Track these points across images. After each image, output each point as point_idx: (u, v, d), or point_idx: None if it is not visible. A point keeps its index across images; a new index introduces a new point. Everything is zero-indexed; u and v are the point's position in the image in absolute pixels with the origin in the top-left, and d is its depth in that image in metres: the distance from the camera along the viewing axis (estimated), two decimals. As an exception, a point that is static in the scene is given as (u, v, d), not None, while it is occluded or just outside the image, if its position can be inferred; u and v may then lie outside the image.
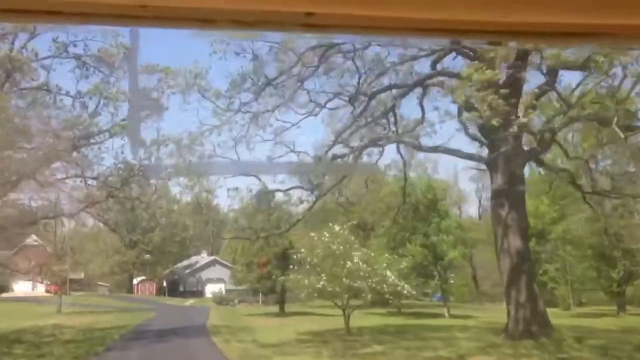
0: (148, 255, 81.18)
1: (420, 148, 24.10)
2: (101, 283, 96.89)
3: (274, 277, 40.47)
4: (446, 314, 36.04)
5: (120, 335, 27.88)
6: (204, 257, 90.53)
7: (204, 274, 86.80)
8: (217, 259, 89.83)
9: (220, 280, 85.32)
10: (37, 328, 31.58)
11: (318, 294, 26.14)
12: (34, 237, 71.57)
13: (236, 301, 69.74)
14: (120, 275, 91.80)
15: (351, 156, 23.37)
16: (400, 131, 23.99)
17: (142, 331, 30.05)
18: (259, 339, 24.22)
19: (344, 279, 25.09)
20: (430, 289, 36.13)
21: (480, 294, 69.28)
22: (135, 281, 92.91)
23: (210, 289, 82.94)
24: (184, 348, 21.87)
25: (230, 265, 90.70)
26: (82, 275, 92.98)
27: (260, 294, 71.15)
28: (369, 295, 25.65)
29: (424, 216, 36.53)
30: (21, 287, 79.80)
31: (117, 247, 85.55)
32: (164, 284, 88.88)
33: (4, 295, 74.89)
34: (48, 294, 74.39)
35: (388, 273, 26.18)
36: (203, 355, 19.76)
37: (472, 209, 72.86)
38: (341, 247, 26.32)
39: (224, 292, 73.72)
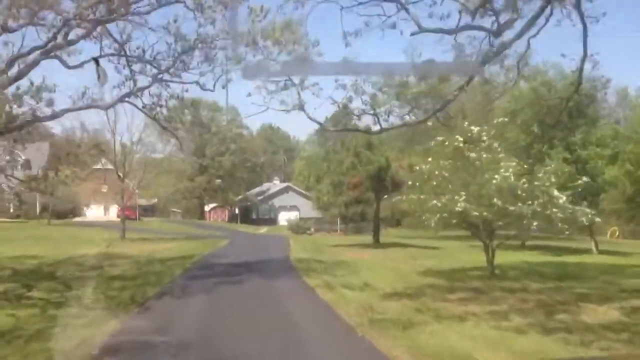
0: (219, 181, 75.03)
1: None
2: (174, 209, 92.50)
3: (364, 200, 32.40)
4: (594, 249, 27.13)
5: (184, 270, 20.70)
6: (276, 184, 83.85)
7: (277, 201, 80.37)
8: (291, 185, 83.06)
9: (294, 207, 78.77)
10: (84, 258, 24.97)
11: (458, 220, 17.68)
12: (104, 160, 66.68)
13: (312, 229, 62.97)
14: (191, 201, 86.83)
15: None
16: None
17: (211, 264, 22.83)
18: (374, 284, 16.25)
19: (495, 200, 16.59)
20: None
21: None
22: (207, 208, 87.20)
23: (284, 217, 76.66)
24: (271, 298, 14.09)
25: (303, 192, 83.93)
26: (154, 201, 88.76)
27: (339, 223, 64.07)
28: (534, 223, 17.10)
29: (566, 124, 27.13)
30: (93, 212, 75.92)
31: (187, 171, 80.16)
32: (236, 211, 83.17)
33: (76, 219, 70.97)
34: (119, 219, 70.28)
35: (555, 192, 17.45)
36: (307, 315, 11.85)
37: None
38: (483, 156, 17.70)
39: (295, 220, 66.87)
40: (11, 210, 64.75)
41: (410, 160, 34.53)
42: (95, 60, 16.87)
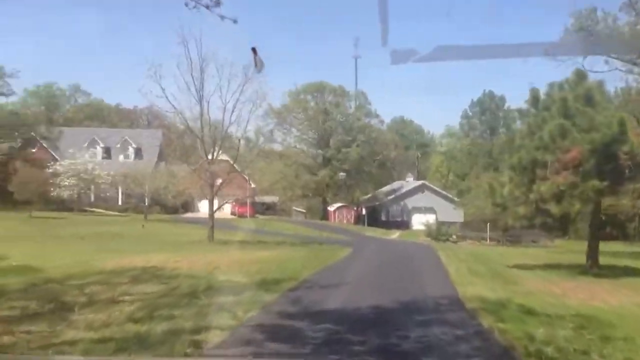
0: (343, 174, 62.84)
1: None
2: (297, 208, 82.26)
3: (581, 193, 18.07)
4: None
5: (250, 319, 8.43)
6: (409, 182, 70.16)
7: (410, 202, 66.70)
8: (427, 183, 69.02)
9: (429, 210, 64.63)
10: (97, 277, 13.70)
11: None
12: (220, 151, 57.63)
13: (454, 237, 48.84)
14: (314, 199, 75.82)
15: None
16: None
17: (304, 313, 10.32)
18: None
19: None
20: None
21: None
22: (331, 208, 75.28)
23: (418, 220, 62.98)
24: None
25: (441, 191, 69.54)
26: (276, 199, 78.98)
27: (489, 230, 49.27)
28: None
29: None
30: (206, 206, 67.41)
31: (309, 164, 69.00)
32: (363, 212, 70.78)
33: (187, 215, 62.63)
34: (233, 216, 61.11)
35: None
36: None
37: None
38: None
39: (434, 224, 52.67)
40: (119, 203, 57.67)
41: None
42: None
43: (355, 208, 70.06)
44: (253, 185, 69.99)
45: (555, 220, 20.90)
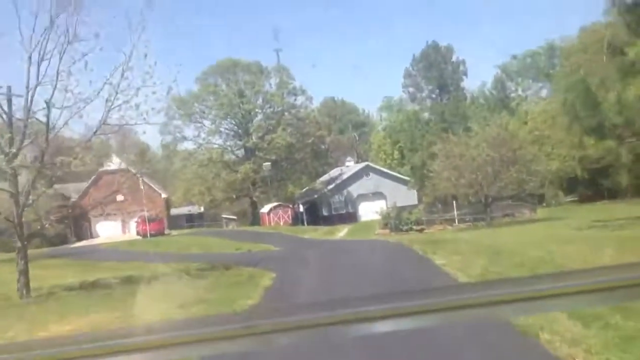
0: (267, 164, 49.45)
1: None
2: (226, 215, 68.45)
3: None
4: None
5: None
6: (350, 166, 58.04)
7: (354, 189, 54.44)
8: (371, 164, 57.16)
9: (378, 195, 52.80)
10: None
11: None
12: (115, 158, 43.07)
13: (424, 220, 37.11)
14: (243, 201, 62.53)
15: None
16: None
17: None
18: None
19: None
20: None
21: None
22: (264, 209, 61.41)
23: (366, 209, 51.10)
24: None
25: (390, 172, 58.07)
26: (200, 209, 65.13)
27: (455, 205, 37.92)
28: None
29: None
30: (106, 230, 53.12)
31: (229, 160, 55.46)
32: (301, 209, 58.13)
33: (80, 244, 48.09)
34: (138, 237, 47.10)
35: None
36: None
37: None
38: None
39: (393, 210, 40.59)
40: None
41: None
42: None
43: (291, 206, 57.13)
44: (164, 196, 56.20)
45: None
